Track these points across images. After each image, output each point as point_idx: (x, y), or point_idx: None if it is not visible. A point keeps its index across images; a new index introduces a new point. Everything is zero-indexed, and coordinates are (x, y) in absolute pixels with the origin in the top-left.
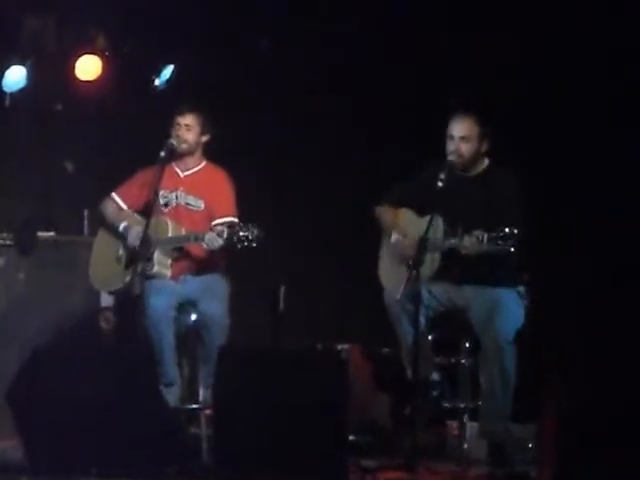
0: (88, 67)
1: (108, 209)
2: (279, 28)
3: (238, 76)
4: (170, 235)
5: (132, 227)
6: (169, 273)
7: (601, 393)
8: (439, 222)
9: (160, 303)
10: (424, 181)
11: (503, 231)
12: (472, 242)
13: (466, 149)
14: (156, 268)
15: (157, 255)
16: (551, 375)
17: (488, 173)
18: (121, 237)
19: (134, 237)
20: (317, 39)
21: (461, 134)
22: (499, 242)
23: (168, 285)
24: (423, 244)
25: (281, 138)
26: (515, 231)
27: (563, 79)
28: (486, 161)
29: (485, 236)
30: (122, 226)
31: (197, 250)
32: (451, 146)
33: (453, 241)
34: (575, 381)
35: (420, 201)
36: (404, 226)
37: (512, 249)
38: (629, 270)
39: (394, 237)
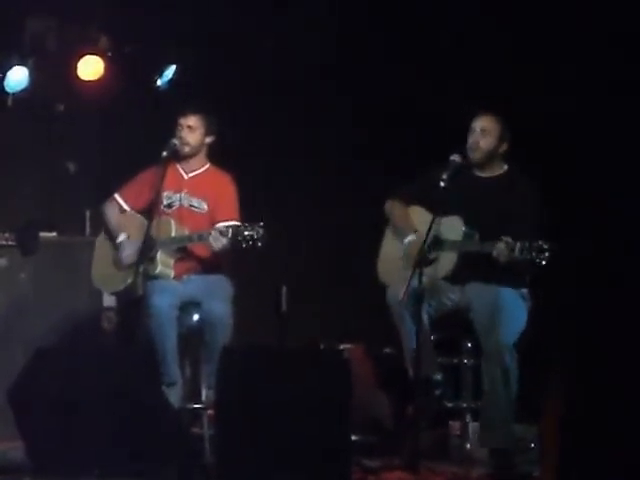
0: (90, 67)
1: (110, 211)
2: (281, 27)
3: (240, 76)
4: (173, 235)
5: (127, 244)
6: (172, 273)
7: (602, 394)
8: (459, 223)
9: (163, 303)
10: (437, 180)
11: (537, 243)
12: (502, 250)
13: (484, 143)
14: (159, 268)
15: (160, 255)
16: (553, 375)
17: (506, 176)
18: (116, 248)
19: (125, 256)
20: (320, 38)
21: (481, 127)
22: (532, 254)
23: (171, 285)
24: (438, 244)
25: (282, 138)
26: (549, 245)
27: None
28: (505, 166)
29: (517, 245)
30: (120, 239)
31: (200, 250)
32: (470, 139)
33: (478, 245)
34: (577, 382)
35: (432, 199)
36: (417, 225)
37: (544, 263)
38: (631, 272)
39: (408, 239)
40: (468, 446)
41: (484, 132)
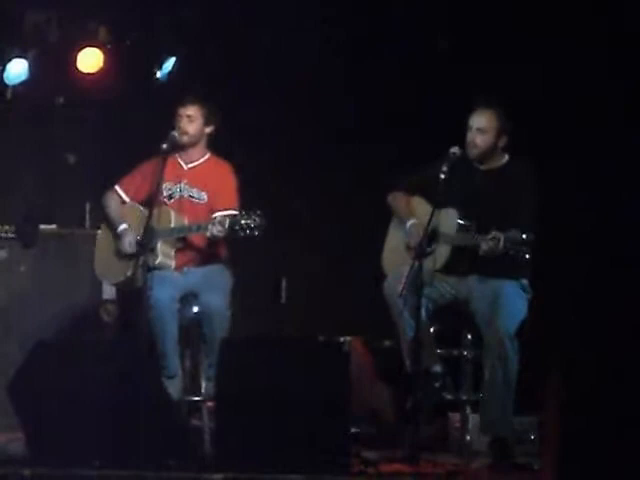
0: (90, 59)
1: (110, 202)
2: (281, 18)
3: (239, 69)
4: (173, 225)
5: (128, 232)
6: (173, 264)
7: (603, 386)
8: (454, 215)
9: (164, 295)
10: (437, 172)
11: (521, 237)
12: (489, 244)
13: (481, 141)
14: (160, 259)
15: (160, 246)
16: (553, 367)
17: (505, 168)
18: (117, 238)
19: (127, 245)
20: (321, 28)
21: (478, 126)
22: (517, 247)
23: (172, 277)
24: (435, 236)
25: (283, 128)
26: (531, 239)
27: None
28: (506, 157)
29: (502, 238)
30: (120, 228)
31: (200, 241)
32: (468, 136)
33: (468, 238)
34: (576, 373)
35: (433, 191)
36: (418, 216)
37: (527, 256)
38: (631, 264)
39: (410, 222)
40: (468, 438)
41: (481, 130)
